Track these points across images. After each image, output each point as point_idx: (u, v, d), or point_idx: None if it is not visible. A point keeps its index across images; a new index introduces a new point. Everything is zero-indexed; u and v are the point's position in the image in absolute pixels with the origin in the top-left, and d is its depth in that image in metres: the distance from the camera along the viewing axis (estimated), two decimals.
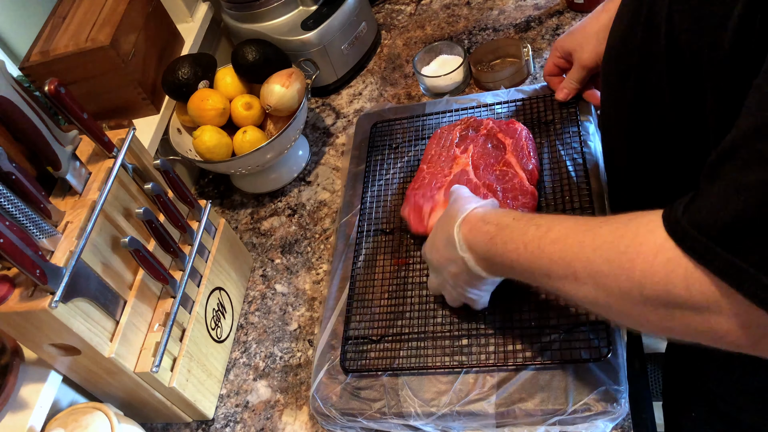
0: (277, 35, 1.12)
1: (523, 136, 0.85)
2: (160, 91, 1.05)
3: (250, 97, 1.03)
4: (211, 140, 0.97)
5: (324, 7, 1.12)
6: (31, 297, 0.65)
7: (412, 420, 0.71)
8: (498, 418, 0.68)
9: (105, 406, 0.75)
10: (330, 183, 1.07)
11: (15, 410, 0.73)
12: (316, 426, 0.80)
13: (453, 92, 1.08)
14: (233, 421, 0.85)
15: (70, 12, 1.00)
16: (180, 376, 0.79)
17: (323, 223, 1.02)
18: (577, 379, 0.67)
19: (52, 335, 0.68)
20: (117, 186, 0.79)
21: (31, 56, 0.96)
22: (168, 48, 1.11)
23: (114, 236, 0.76)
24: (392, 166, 0.95)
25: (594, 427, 0.66)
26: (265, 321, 0.93)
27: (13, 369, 0.74)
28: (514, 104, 0.94)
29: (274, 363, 0.88)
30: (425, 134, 0.97)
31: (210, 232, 0.91)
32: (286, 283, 0.97)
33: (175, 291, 0.80)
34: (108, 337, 0.73)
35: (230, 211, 1.11)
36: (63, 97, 0.69)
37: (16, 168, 0.65)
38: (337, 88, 1.21)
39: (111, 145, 0.77)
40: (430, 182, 0.83)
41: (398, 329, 0.77)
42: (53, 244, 0.68)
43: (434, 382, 0.72)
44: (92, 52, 0.94)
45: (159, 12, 1.10)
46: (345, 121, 1.15)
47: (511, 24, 1.16)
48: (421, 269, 0.82)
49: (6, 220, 0.61)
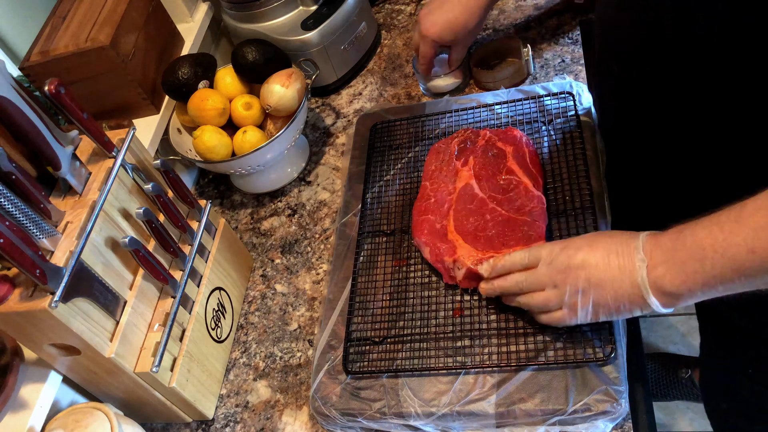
0: (277, 35, 1.12)
1: (524, 142, 0.85)
2: (160, 91, 1.05)
3: (250, 97, 1.03)
4: (211, 140, 0.97)
5: (324, 7, 1.12)
6: (31, 297, 0.64)
7: (412, 420, 0.71)
8: (498, 418, 0.68)
9: (105, 406, 0.75)
10: (330, 183, 1.07)
11: (15, 410, 0.73)
12: (316, 426, 0.80)
13: (453, 92, 1.08)
14: (233, 421, 0.85)
15: (70, 12, 1.00)
16: (180, 376, 0.79)
17: (323, 223, 1.02)
18: (578, 379, 0.67)
19: (52, 335, 0.68)
20: (117, 186, 0.79)
21: (31, 56, 0.96)
22: (168, 48, 1.11)
23: (114, 236, 0.76)
24: (392, 166, 0.95)
25: (594, 427, 0.66)
26: (265, 321, 0.93)
27: (13, 369, 0.74)
28: (514, 104, 0.94)
29: (274, 363, 0.88)
30: (425, 135, 0.97)
31: (210, 232, 0.91)
32: (286, 283, 0.97)
33: (175, 291, 0.80)
34: (108, 337, 0.73)
35: (230, 211, 1.11)
36: (63, 97, 0.69)
37: (16, 168, 0.65)
38: (337, 88, 1.21)
39: (111, 145, 0.77)
40: (435, 202, 0.83)
41: (399, 330, 0.77)
42: (53, 244, 0.68)
43: (434, 382, 0.72)
44: (92, 52, 0.94)
45: (159, 12, 1.09)
46: (345, 121, 1.15)
47: (511, 24, 1.16)
48: (421, 269, 0.82)
49: (6, 220, 0.61)
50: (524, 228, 0.76)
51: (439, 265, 0.78)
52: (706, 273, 0.54)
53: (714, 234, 0.53)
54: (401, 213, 0.89)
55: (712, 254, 0.53)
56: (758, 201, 0.51)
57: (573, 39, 1.08)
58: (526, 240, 0.75)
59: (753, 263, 0.51)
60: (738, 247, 0.51)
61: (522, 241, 0.75)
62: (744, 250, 0.51)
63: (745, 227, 0.51)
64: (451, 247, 0.77)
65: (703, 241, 0.54)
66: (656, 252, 0.58)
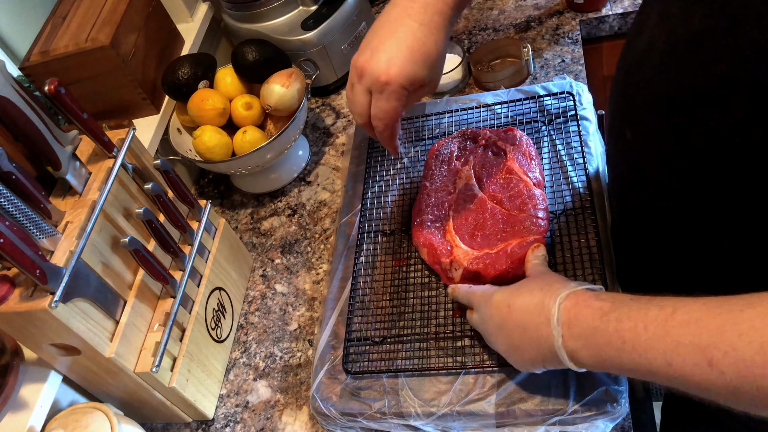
0: (277, 35, 1.12)
1: (524, 142, 0.85)
2: (160, 91, 1.05)
3: (250, 97, 1.03)
4: (211, 140, 0.97)
5: (324, 7, 1.12)
6: (31, 297, 0.65)
7: (412, 420, 0.71)
8: (498, 418, 0.68)
9: (105, 406, 0.75)
10: (330, 183, 1.07)
11: (15, 410, 0.73)
12: (316, 426, 0.80)
13: (452, 92, 1.08)
14: (233, 421, 0.85)
15: (70, 12, 1.00)
16: (180, 376, 0.79)
17: (323, 223, 1.02)
18: (577, 379, 0.67)
19: (52, 335, 0.68)
20: (117, 186, 0.79)
21: (31, 56, 0.96)
22: (168, 48, 1.11)
23: (114, 236, 0.76)
24: (392, 166, 0.95)
25: (594, 427, 0.66)
26: (265, 321, 0.93)
27: (13, 369, 0.74)
28: (514, 104, 0.94)
29: (274, 363, 0.88)
30: (425, 134, 0.97)
31: (210, 232, 0.91)
32: (286, 283, 0.97)
33: (175, 291, 0.80)
34: (108, 337, 0.73)
35: (230, 211, 1.11)
36: (63, 97, 0.69)
37: (16, 168, 0.65)
38: (337, 88, 1.21)
39: (111, 145, 0.77)
40: (435, 202, 0.83)
41: (399, 330, 0.77)
42: (53, 244, 0.68)
43: (434, 382, 0.72)
44: (92, 52, 0.94)
45: (159, 12, 1.10)
46: (345, 121, 1.15)
47: (511, 24, 1.16)
48: (421, 269, 0.82)
49: (6, 220, 0.61)
50: (525, 224, 0.76)
51: (437, 266, 0.78)
52: (622, 364, 0.52)
53: (637, 331, 0.50)
54: (401, 213, 0.89)
55: (630, 350, 0.51)
56: (690, 313, 0.48)
57: (573, 39, 1.08)
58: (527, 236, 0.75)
59: (668, 374, 0.49)
60: (656, 354, 0.49)
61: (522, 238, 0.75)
62: (662, 360, 0.49)
63: (668, 338, 0.48)
64: (449, 248, 0.77)
65: (625, 334, 0.51)
66: (575, 326, 0.56)
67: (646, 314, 0.50)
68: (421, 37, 0.64)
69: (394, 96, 0.65)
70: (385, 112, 0.66)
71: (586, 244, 0.75)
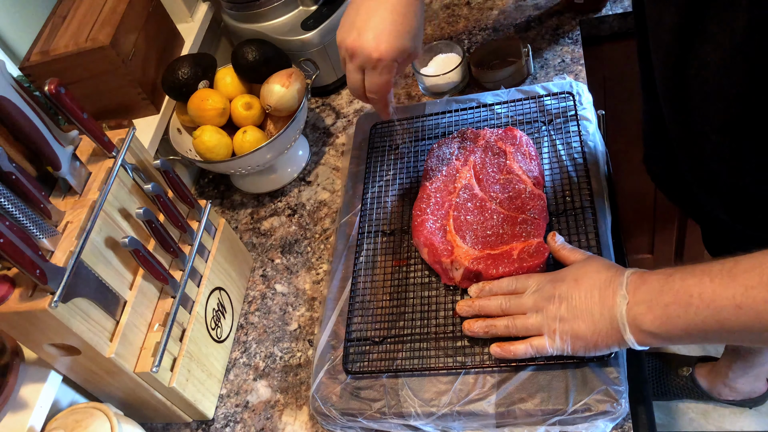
0: (277, 35, 1.12)
1: (524, 142, 0.85)
2: (160, 91, 1.05)
3: (250, 97, 1.03)
4: (211, 140, 0.97)
5: (324, 7, 1.12)
6: (31, 297, 0.65)
7: (412, 420, 0.71)
8: (498, 418, 0.68)
9: (105, 406, 0.75)
10: (330, 183, 1.07)
11: (15, 410, 0.73)
12: (316, 426, 0.80)
13: (452, 92, 1.07)
14: (233, 421, 0.85)
15: (70, 12, 1.00)
16: (180, 376, 0.79)
17: (323, 223, 1.02)
18: (577, 379, 0.67)
19: (52, 335, 0.68)
20: (117, 186, 0.79)
21: (31, 56, 0.96)
22: (168, 48, 1.11)
23: (114, 236, 0.76)
24: (392, 166, 0.95)
25: (594, 427, 0.66)
26: (265, 321, 0.93)
27: (13, 369, 0.74)
28: (514, 104, 0.94)
29: (274, 363, 0.88)
30: (425, 134, 0.97)
31: (210, 232, 0.91)
32: (286, 283, 0.97)
33: (175, 291, 0.80)
34: (108, 337, 0.73)
35: (230, 211, 1.11)
36: (63, 97, 0.69)
37: (16, 168, 0.65)
38: (337, 88, 1.21)
39: (111, 145, 0.77)
40: (435, 202, 0.83)
41: (399, 330, 0.77)
42: (53, 244, 0.68)
43: (434, 382, 0.72)
44: (92, 52, 0.94)
45: (159, 12, 1.10)
46: (345, 121, 1.15)
47: (511, 24, 1.16)
48: (421, 269, 0.82)
49: (6, 220, 0.61)
50: (524, 226, 0.76)
51: (437, 266, 0.78)
52: (688, 319, 0.54)
53: (704, 283, 0.53)
54: (401, 213, 0.89)
55: (698, 302, 0.53)
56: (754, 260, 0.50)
57: (573, 39, 1.08)
58: (527, 238, 0.75)
59: (738, 319, 0.51)
60: (726, 300, 0.51)
61: (522, 240, 0.75)
62: (731, 304, 0.50)
63: (736, 282, 0.50)
64: (449, 248, 0.77)
65: (692, 288, 0.53)
66: (641, 290, 0.59)
67: (710, 269, 0.53)
68: (402, 10, 0.69)
69: (386, 70, 0.71)
70: (378, 86, 0.72)
71: (586, 245, 0.75)
